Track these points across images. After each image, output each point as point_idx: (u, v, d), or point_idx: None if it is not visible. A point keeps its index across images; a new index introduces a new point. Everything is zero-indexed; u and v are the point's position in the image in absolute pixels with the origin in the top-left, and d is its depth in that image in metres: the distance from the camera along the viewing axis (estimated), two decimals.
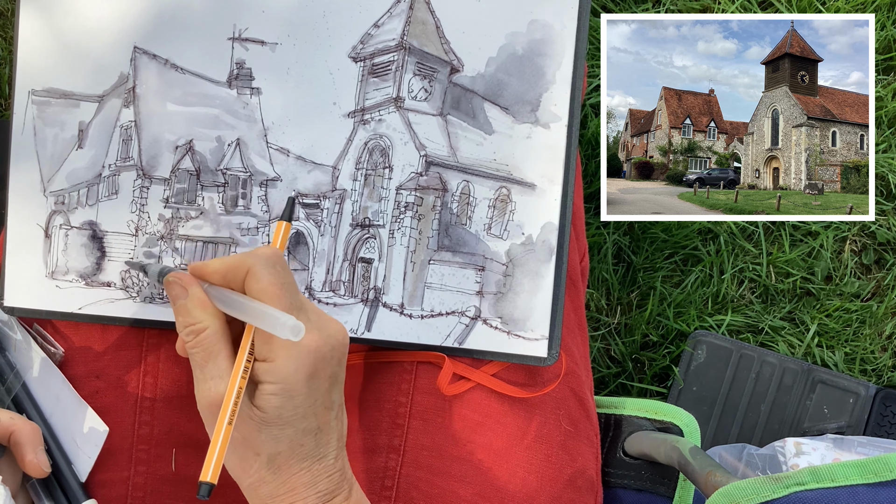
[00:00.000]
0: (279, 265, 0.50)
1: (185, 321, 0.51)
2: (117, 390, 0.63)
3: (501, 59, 0.62)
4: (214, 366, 0.49)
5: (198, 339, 0.50)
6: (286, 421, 0.49)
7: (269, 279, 0.49)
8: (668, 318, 1.17)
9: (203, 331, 0.50)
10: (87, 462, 0.61)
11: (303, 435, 0.50)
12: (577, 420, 0.68)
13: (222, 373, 0.49)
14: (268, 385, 0.48)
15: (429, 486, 0.64)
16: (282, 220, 0.56)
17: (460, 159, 0.63)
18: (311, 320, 0.50)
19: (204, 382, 0.49)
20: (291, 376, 0.48)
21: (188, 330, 0.50)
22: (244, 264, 0.50)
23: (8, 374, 0.62)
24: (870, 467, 0.56)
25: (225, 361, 0.50)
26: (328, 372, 0.50)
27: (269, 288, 0.49)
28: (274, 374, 0.48)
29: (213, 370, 0.49)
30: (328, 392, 0.51)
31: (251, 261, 0.50)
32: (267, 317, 0.47)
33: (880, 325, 1.20)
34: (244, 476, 0.51)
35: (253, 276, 0.49)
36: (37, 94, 0.64)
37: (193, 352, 0.50)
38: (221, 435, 0.47)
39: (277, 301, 0.48)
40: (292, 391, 0.48)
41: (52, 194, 0.64)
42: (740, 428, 1.14)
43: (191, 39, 0.63)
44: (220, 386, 0.49)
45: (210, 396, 0.49)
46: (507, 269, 0.63)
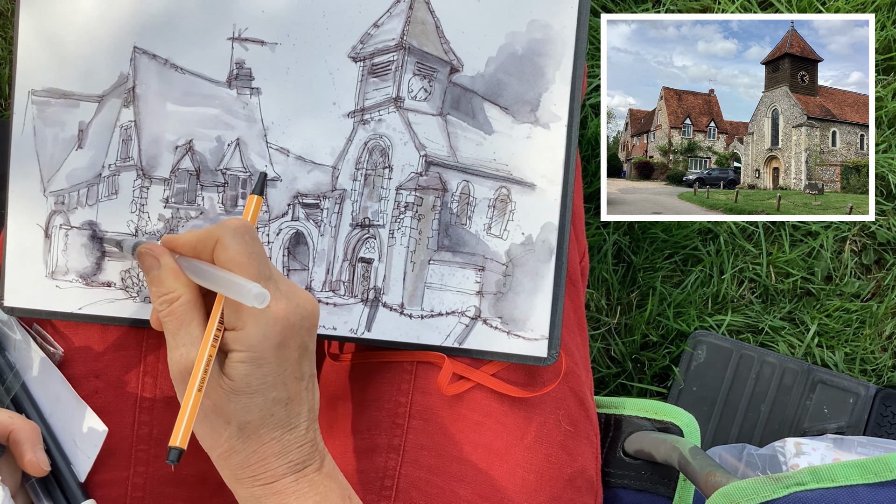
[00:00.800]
0: (248, 235, 0.51)
1: (158, 291, 0.52)
2: (117, 390, 0.63)
3: (501, 58, 0.62)
4: (186, 333, 0.50)
5: (171, 308, 0.51)
6: (255, 389, 0.50)
7: (237, 248, 0.50)
8: (668, 318, 1.17)
9: (176, 300, 0.51)
10: (86, 462, 0.61)
11: (273, 404, 0.50)
12: (577, 420, 0.68)
13: (194, 340, 0.50)
14: (236, 353, 0.49)
15: (429, 485, 0.64)
16: (253, 194, 0.58)
17: (460, 159, 0.63)
18: (281, 290, 0.51)
19: (176, 350, 0.50)
20: (259, 344, 0.49)
21: (162, 299, 0.51)
22: (213, 235, 0.51)
23: (7, 374, 0.62)
24: (870, 467, 0.56)
25: (197, 329, 0.50)
26: (297, 341, 0.51)
27: (236, 257, 0.49)
28: (242, 341, 0.49)
29: (184, 337, 0.50)
30: (298, 362, 0.51)
31: (220, 231, 0.50)
32: (233, 285, 0.48)
33: (880, 325, 1.20)
34: (215, 446, 0.52)
35: (221, 245, 0.50)
36: (37, 95, 0.64)
37: (166, 321, 0.51)
38: (191, 400, 0.48)
39: (245, 270, 0.49)
40: (261, 359, 0.49)
41: (52, 194, 0.64)
42: (740, 428, 1.14)
43: (190, 39, 0.63)
44: (191, 353, 0.50)
45: (181, 363, 0.50)
46: (506, 269, 0.63)
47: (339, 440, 0.67)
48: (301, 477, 0.52)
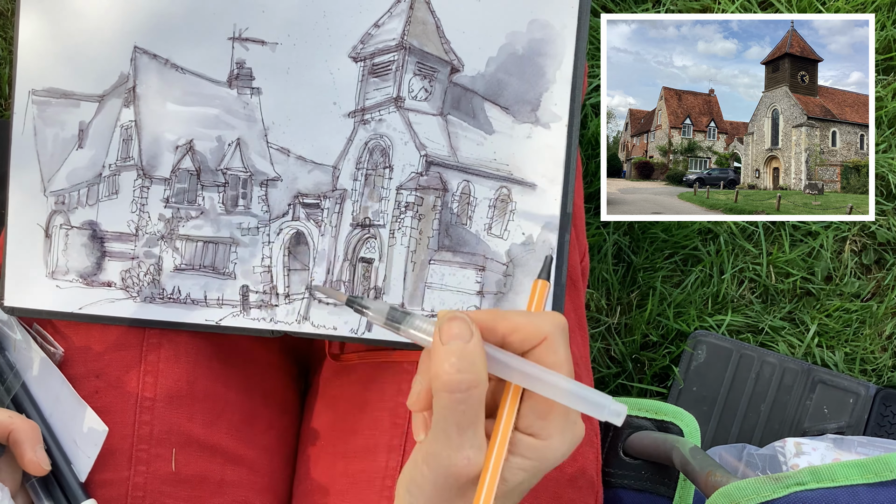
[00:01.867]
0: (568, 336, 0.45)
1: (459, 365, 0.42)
2: (117, 390, 0.63)
3: (501, 58, 0.62)
4: (475, 434, 0.42)
5: (469, 394, 0.42)
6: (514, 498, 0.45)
7: (566, 354, 0.44)
8: (668, 318, 1.17)
9: (477, 386, 0.42)
10: (86, 462, 0.61)
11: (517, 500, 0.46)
12: None
13: (481, 443, 0.43)
14: (522, 460, 0.44)
15: None
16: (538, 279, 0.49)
17: (460, 159, 0.63)
18: None
19: (459, 451, 0.42)
20: (552, 459, 0.44)
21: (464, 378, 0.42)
22: (541, 330, 0.43)
23: (7, 373, 0.62)
24: (870, 467, 0.56)
25: (481, 431, 0.43)
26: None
27: (566, 362, 0.43)
28: (537, 451, 0.44)
29: (472, 438, 0.42)
30: None
31: (550, 328, 0.44)
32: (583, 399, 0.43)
33: (880, 325, 1.20)
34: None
35: (551, 347, 0.43)
36: (37, 94, 0.64)
37: (458, 410, 0.42)
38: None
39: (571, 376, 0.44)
40: (541, 472, 0.44)
41: (53, 194, 0.64)
42: (740, 428, 1.14)
43: (191, 39, 0.62)
44: (478, 458, 0.42)
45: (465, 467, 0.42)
46: (507, 269, 0.63)
47: (340, 440, 0.67)
48: None
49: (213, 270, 0.63)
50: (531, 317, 0.44)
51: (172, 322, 0.63)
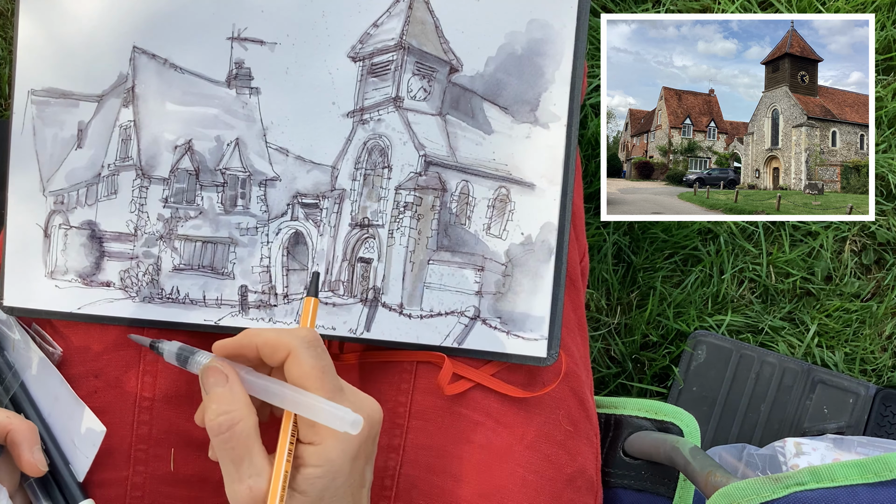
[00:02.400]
0: (319, 348, 0.49)
1: (218, 409, 0.47)
2: (116, 390, 0.63)
3: (501, 58, 0.62)
4: (250, 464, 0.47)
5: (232, 433, 0.47)
6: (326, 502, 0.48)
7: (311, 363, 0.47)
8: (668, 318, 1.17)
9: (238, 422, 0.47)
10: (84, 462, 0.61)
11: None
12: (577, 420, 0.68)
13: (260, 471, 0.47)
14: (312, 468, 0.47)
15: (428, 485, 0.64)
16: (309, 297, 0.53)
17: (459, 159, 0.63)
18: (350, 401, 0.49)
19: (240, 482, 0.47)
20: (338, 458, 0.47)
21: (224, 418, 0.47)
22: (284, 345, 0.48)
23: (6, 373, 0.62)
24: (870, 467, 0.56)
25: (259, 457, 0.47)
26: (367, 451, 0.50)
27: (311, 372, 0.47)
28: (320, 456, 0.47)
29: (248, 469, 0.47)
30: (362, 471, 0.50)
31: (292, 342, 0.48)
32: (322, 411, 0.46)
33: (880, 325, 1.20)
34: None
35: (295, 358, 0.48)
36: (36, 94, 0.64)
37: (227, 448, 0.47)
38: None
39: (320, 386, 0.47)
40: (337, 473, 0.47)
41: (52, 194, 0.64)
42: (740, 428, 1.14)
43: (190, 39, 0.62)
44: (260, 484, 0.46)
45: (248, 496, 0.46)
46: (506, 269, 0.63)
47: None
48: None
49: (212, 270, 0.63)
50: (279, 333, 0.48)
51: (171, 322, 0.63)
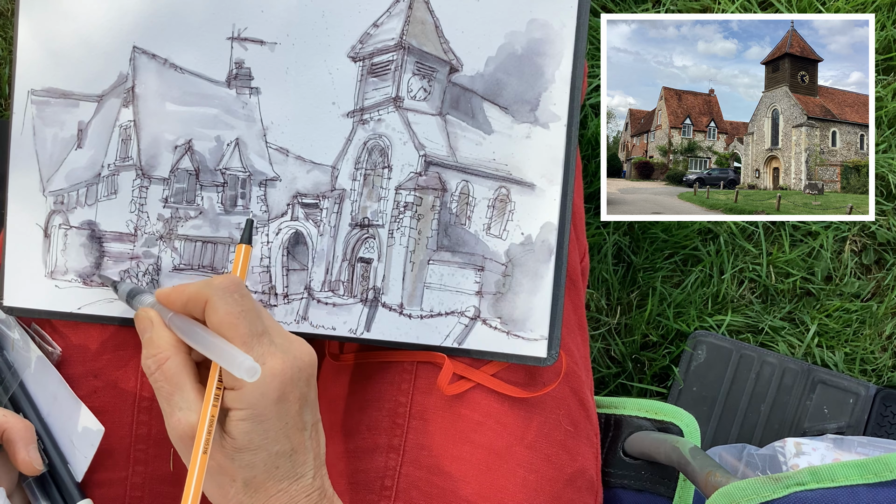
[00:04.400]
0: (237, 293, 0.51)
1: (148, 352, 0.52)
2: (115, 390, 0.63)
3: (501, 58, 0.62)
4: (181, 398, 0.50)
5: (161, 370, 0.51)
6: (258, 445, 0.50)
7: (226, 309, 0.50)
8: (668, 318, 1.17)
9: (165, 360, 0.51)
10: (83, 462, 0.61)
11: (276, 457, 0.50)
12: (577, 420, 0.68)
13: (190, 404, 0.50)
14: (237, 412, 0.49)
15: (429, 485, 0.64)
16: (241, 244, 0.56)
17: (459, 159, 0.63)
18: (276, 343, 0.51)
19: (172, 415, 0.50)
20: (259, 401, 0.49)
21: (151, 360, 0.51)
22: (202, 294, 0.51)
23: (5, 373, 0.62)
24: (870, 467, 0.56)
25: (191, 393, 0.50)
26: (297, 394, 0.51)
27: (225, 318, 0.50)
28: (242, 400, 0.49)
29: (179, 402, 0.50)
30: (299, 413, 0.51)
31: (208, 291, 0.50)
32: (225, 354, 0.48)
33: (880, 325, 1.20)
34: (223, 501, 0.52)
35: (210, 307, 0.50)
36: (36, 94, 0.64)
37: (159, 384, 0.51)
38: (198, 465, 0.48)
39: (235, 331, 0.49)
40: (261, 416, 0.49)
41: (52, 194, 0.64)
42: (740, 428, 1.14)
43: (190, 39, 0.62)
44: (190, 417, 0.49)
45: (181, 428, 0.50)
46: (506, 269, 0.63)
47: (340, 440, 0.67)
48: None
49: (212, 270, 0.63)
50: (198, 284, 0.52)
51: None
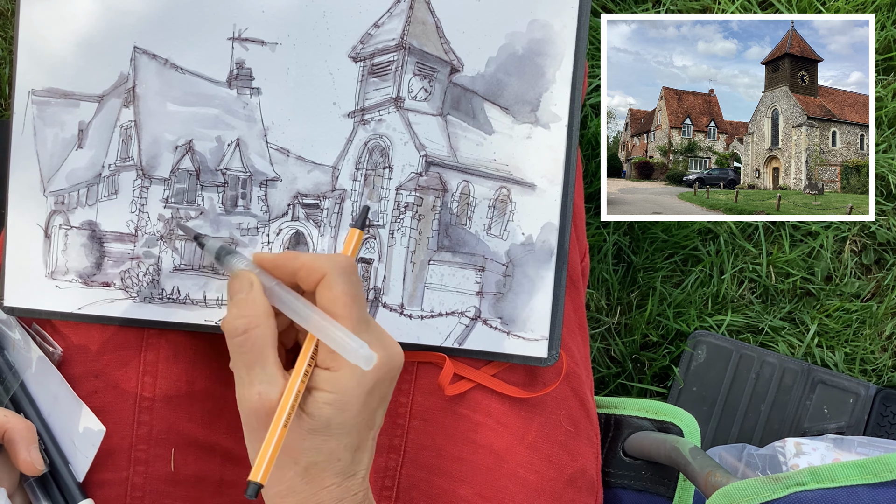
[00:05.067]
0: (354, 276, 0.49)
1: (239, 313, 0.48)
2: (116, 390, 0.63)
3: (501, 58, 0.62)
4: (262, 370, 0.48)
5: (248, 335, 0.48)
6: (332, 433, 0.48)
7: (343, 289, 0.48)
8: (668, 318, 1.17)
9: (255, 327, 0.48)
10: (84, 462, 0.61)
11: (343, 449, 0.49)
12: (578, 420, 0.68)
13: (272, 379, 0.47)
14: (324, 393, 0.47)
15: (429, 486, 0.64)
16: (354, 228, 0.55)
17: (460, 159, 0.63)
18: (375, 337, 0.49)
19: (251, 386, 0.48)
20: (352, 390, 0.47)
21: (242, 321, 0.48)
22: (319, 267, 0.48)
23: (6, 373, 0.62)
24: (870, 467, 0.56)
25: (273, 367, 0.48)
26: (381, 392, 0.50)
27: (340, 297, 0.48)
28: (334, 384, 0.47)
29: (260, 374, 0.48)
30: (375, 411, 0.50)
31: (327, 266, 0.48)
32: (340, 339, 0.46)
33: (880, 325, 1.20)
34: (275, 483, 0.50)
35: (327, 283, 0.48)
36: (37, 94, 0.64)
37: (242, 351, 0.48)
38: (276, 436, 0.46)
39: (348, 314, 0.48)
40: (347, 405, 0.48)
41: (52, 194, 0.64)
42: (740, 428, 1.14)
43: (191, 39, 0.62)
44: (270, 392, 0.47)
45: (258, 402, 0.47)
46: (506, 270, 0.63)
47: None
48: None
49: (213, 270, 0.63)
50: (316, 257, 0.49)
51: (171, 322, 0.63)
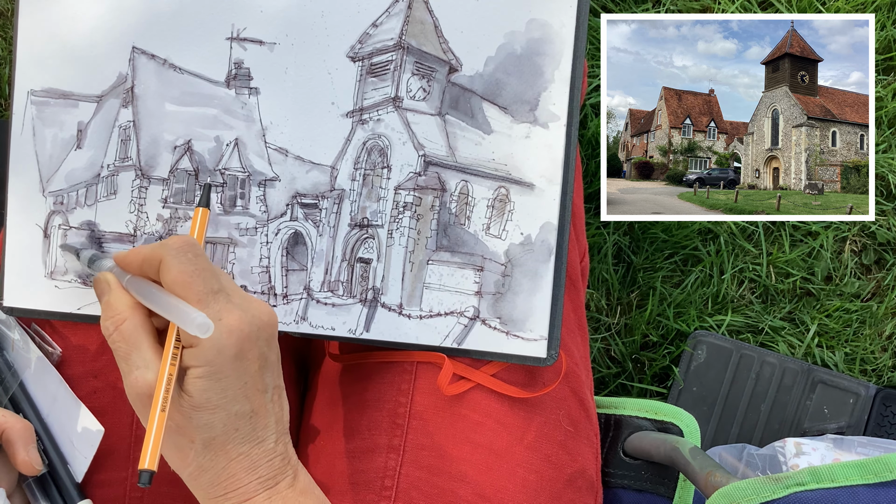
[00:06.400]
0: (191, 252, 0.50)
1: (105, 315, 0.52)
2: (115, 390, 0.63)
3: (500, 58, 0.62)
4: (138, 356, 0.50)
5: (119, 331, 0.51)
6: (216, 404, 0.49)
7: (179, 268, 0.50)
8: (668, 318, 1.17)
9: (122, 322, 0.51)
10: (83, 462, 0.61)
11: (236, 418, 0.50)
12: (577, 420, 0.68)
13: (147, 362, 0.50)
14: (194, 369, 0.49)
15: (429, 485, 0.64)
16: (198, 207, 0.57)
17: (459, 159, 0.63)
18: (234, 301, 0.51)
19: (130, 374, 0.50)
20: (216, 358, 0.49)
21: (109, 322, 0.51)
22: (157, 255, 0.51)
23: (5, 373, 0.62)
24: (870, 467, 0.56)
25: (149, 352, 0.50)
26: (256, 353, 0.51)
27: (178, 276, 0.49)
28: (199, 357, 0.49)
29: (137, 360, 0.50)
30: (258, 374, 0.51)
31: (162, 251, 0.50)
32: (178, 311, 0.48)
33: (880, 325, 1.20)
34: (183, 465, 0.52)
35: (164, 266, 0.50)
36: (36, 95, 0.64)
37: (116, 345, 0.51)
38: (156, 421, 0.48)
39: (189, 289, 0.49)
40: (219, 373, 0.49)
41: (51, 194, 0.64)
42: (740, 428, 1.14)
43: (189, 39, 0.62)
44: (147, 375, 0.49)
45: (138, 386, 0.50)
46: (505, 270, 0.63)
47: (340, 440, 0.67)
48: (274, 493, 0.52)
49: None
50: (153, 246, 0.52)
51: None
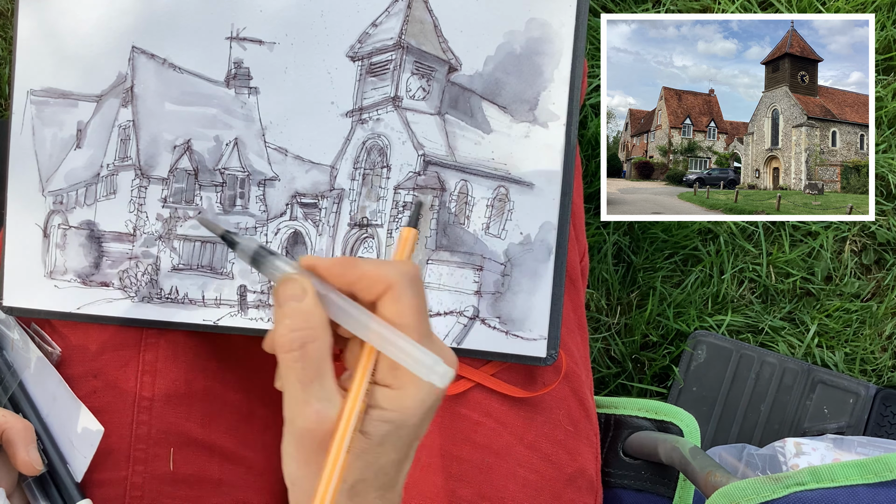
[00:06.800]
0: (419, 285, 0.44)
1: (293, 324, 0.42)
2: (115, 390, 0.63)
3: (499, 57, 0.62)
4: (321, 387, 0.42)
5: (305, 350, 0.42)
6: (385, 451, 0.44)
7: (410, 303, 0.43)
8: (668, 318, 1.17)
9: (314, 340, 0.42)
10: (82, 462, 0.61)
11: (390, 465, 0.45)
12: (577, 420, 0.68)
13: (330, 396, 0.42)
14: (382, 411, 0.43)
15: (429, 485, 0.64)
16: (409, 227, 0.48)
17: (458, 159, 0.63)
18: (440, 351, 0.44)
19: (306, 405, 0.42)
20: (413, 408, 0.43)
21: (298, 335, 0.42)
22: (385, 278, 0.43)
23: (5, 373, 0.62)
24: (870, 467, 0.56)
25: (332, 383, 0.43)
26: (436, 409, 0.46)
27: (408, 312, 0.43)
28: (396, 402, 0.43)
29: (318, 391, 0.42)
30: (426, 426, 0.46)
31: (393, 276, 0.43)
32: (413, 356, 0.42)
33: (880, 325, 1.20)
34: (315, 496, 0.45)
35: (394, 294, 0.43)
36: (35, 94, 0.64)
37: (297, 366, 0.42)
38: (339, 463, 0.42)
39: (415, 328, 0.43)
40: (406, 423, 0.44)
41: (51, 194, 0.64)
42: (740, 428, 1.14)
43: (189, 39, 0.62)
44: (329, 411, 0.42)
45: (314, 420, 0.42)
46: (505, 269, 0.63)
47: None
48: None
49: (211, 270, 0.63)
50: (379, 265, 0.43)
51: (170, 322, 0.63)
